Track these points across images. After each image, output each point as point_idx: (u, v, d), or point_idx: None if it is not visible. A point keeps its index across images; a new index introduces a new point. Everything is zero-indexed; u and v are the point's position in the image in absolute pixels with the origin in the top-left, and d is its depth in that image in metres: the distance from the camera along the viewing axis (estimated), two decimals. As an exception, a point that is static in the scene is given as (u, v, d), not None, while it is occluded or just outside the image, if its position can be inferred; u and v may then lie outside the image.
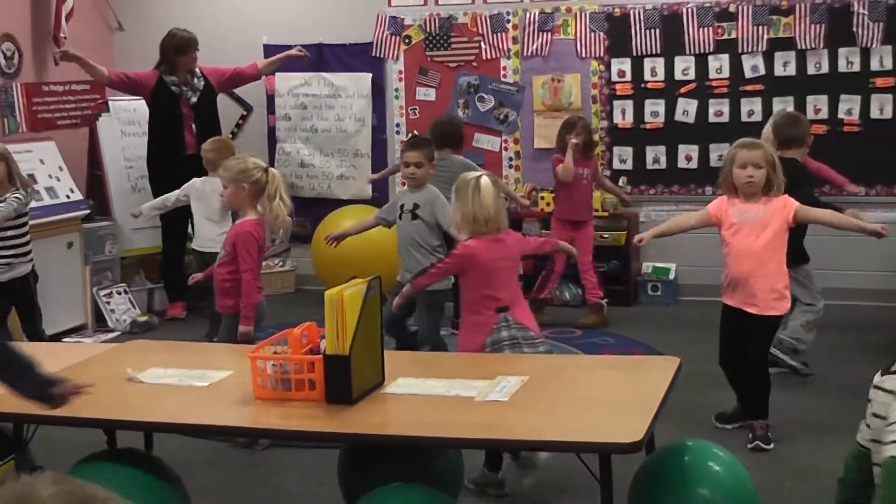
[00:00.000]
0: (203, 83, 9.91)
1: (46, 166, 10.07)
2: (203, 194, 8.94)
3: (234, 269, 6.68)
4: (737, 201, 6.47)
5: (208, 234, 8.80)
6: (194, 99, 9.82)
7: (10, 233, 7.91)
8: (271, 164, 10.96)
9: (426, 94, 10.99)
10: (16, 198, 7.78)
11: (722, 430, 6.66)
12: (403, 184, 7.78)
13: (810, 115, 9.41)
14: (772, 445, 6.36)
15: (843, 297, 9.09)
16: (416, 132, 10.15)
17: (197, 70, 9.87)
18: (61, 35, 10.68)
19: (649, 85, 10.38)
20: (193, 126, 9.84)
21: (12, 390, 4.24)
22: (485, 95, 10.81)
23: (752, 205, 6.41)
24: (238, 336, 6.37)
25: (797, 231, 6.88)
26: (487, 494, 5.91)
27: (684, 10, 10.15)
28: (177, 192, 9.14)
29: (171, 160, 9.82)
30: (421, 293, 6.88)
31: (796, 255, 7.04)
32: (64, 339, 8.96)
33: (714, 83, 10.20)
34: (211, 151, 8.58)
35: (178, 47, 9.76)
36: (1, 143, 7.97)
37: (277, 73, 11.15)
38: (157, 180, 10.01)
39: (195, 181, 9.01)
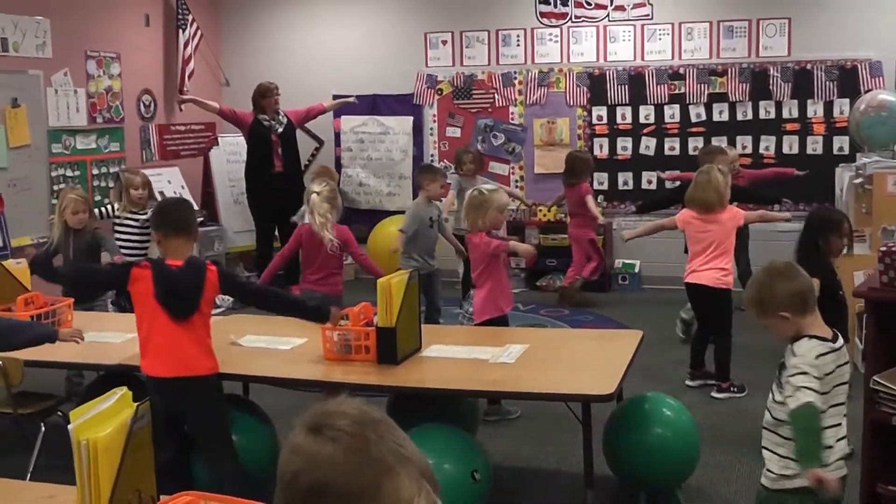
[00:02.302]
0: (286, 120, 9.92)
1: (172, 185, 10.15)
2: None
3: None
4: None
5: None
6: (280, 130, 9.83)
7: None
8: (337, 184, 11.03)
9: (453, 132, 10.97)
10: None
11: (677, 384, 6.62)
12: (430, 200, 7.67)
13: (739, 150, 9.40)
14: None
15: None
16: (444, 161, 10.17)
17: (280, 110, 9.89)
18: (185, 89, 10.76)
19: (620, 126, 10.34)
20: (279, 151, 9.84)
21: None
22: (497, 133, 10.78)
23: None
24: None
25: None
26: (500, 418, 6.07)
27: (646, 71, 10.11)
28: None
29: (263, 177, 9.87)
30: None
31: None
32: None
33: (668, 126, 10.15)
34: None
35: (261, 93, 9.81)
36: (142, 171, 7.97)
37: (342, 117, 11.16)
38: (252, 191, 10.08)
39: None
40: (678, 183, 8.66)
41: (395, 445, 1.55)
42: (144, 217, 7.42)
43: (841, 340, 3.47)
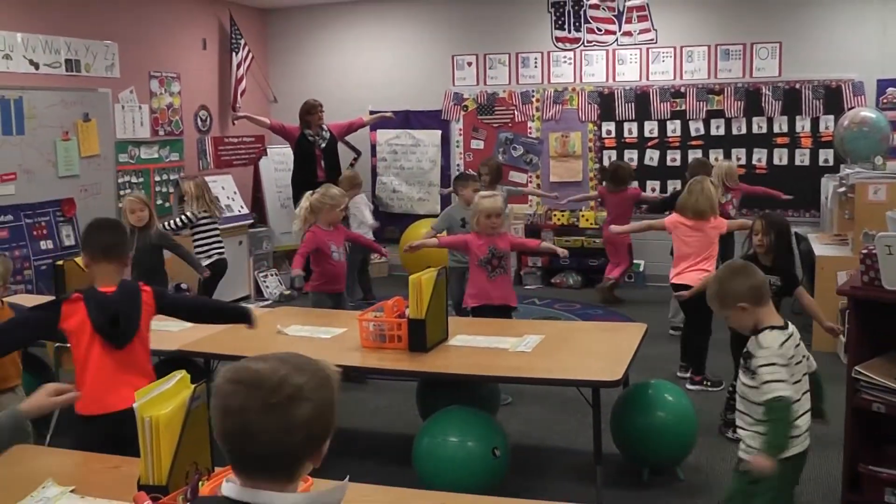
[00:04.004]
0: (329, 134, 9.91)
1: (226, 191, 10.19)
2: (356, 209, 9.02)
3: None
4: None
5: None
6: (323, 144, 9.81)
7: (199, 236, 7.98)
8: (372, 191, 11.07)
9: (477, 144, 10.94)
10: (194, 214, 7.91)
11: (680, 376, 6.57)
12: (467, 203, 7.64)
13: (734, 161, 9.29)
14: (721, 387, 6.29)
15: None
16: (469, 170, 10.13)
17: (324, 125, 9.89)
18: (237, 105, 10.80)
19: (627, 140, 10.29)
20: (323, 163, 9.84)
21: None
22: (517, 146, 10.75)
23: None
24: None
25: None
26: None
27: (651, 90, 10.06)
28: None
29: (307, 185, 9.80)
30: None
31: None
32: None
33: (670, 139, 10.10)
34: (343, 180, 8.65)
35: (307, 110, 9.79)
36: (200, 177, 8.06)
37: (378, 130, 11.18)
38: (297, 199, 9.98)
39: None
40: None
41: None
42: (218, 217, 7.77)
43: (792, 326, 3.54)
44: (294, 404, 1.72)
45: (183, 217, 7.89)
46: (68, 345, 3.69)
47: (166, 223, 7.77)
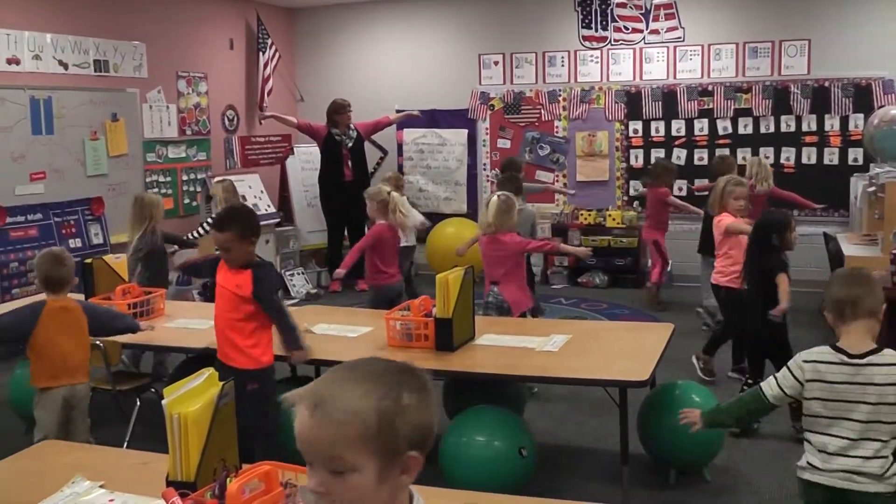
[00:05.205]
0: (356, 133, 9.95)
1: (252, 190, 10.22)
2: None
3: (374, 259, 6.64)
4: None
5: None
6: (350, 144, 9.85)
7: None
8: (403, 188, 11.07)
9: (504, 143, 10.93)
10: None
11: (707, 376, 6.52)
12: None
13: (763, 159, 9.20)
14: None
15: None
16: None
17: (351, 125, 9.91)
18: (264, 104, 10.85)
19: (654, 139, 10.25)
20: (350, 162, 9.86)
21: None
22: (543, 145, 10.73)
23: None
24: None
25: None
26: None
27: (678, 88, 10.01)
28: None
29: (334, 184, 9.93)
30: None
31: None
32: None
33: (697, 138, 10.04)
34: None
35: (335, 110, 9.84)
36: (229, 181, 8.10)
37: (404, 130, 11.18)
38: (324, 198, 10.16)
39: None
40: (707, 192, 8.52)
41: None
42: None
43: (864, 360, 3.09)
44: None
45: (204, 225, 7.81)
46: None
47: (189, 234, 7.78)
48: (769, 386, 3.24)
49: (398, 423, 1.55)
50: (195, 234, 7.78)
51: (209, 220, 7.93)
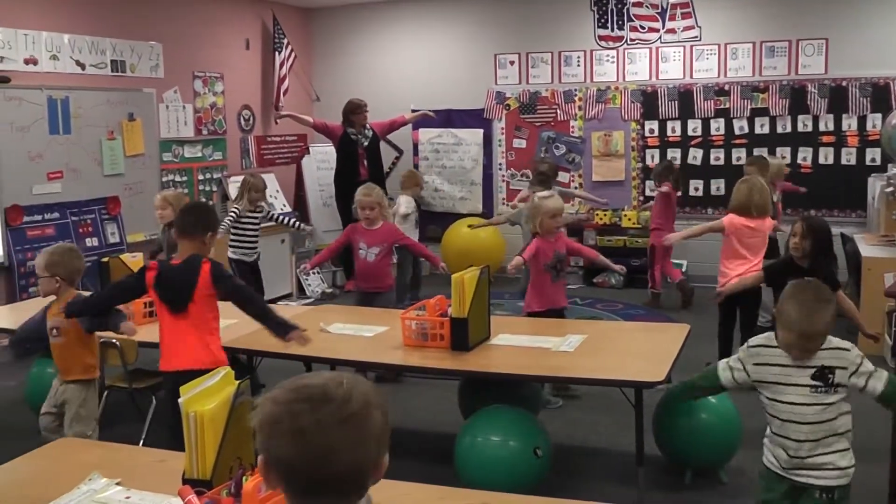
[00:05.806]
0: (371, 133, 9.95)
1: (268, 189, 10.17)
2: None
3: (387, 259, 6.64)
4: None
5: None
6: (366, 143, 9.85)
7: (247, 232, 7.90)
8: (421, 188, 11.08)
9: (519, 143, 10.93)
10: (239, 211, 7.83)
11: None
12: (524, 200, 7.57)
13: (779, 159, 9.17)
14: None
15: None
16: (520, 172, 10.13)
17: (367, 124, 9.92)
18: (280, 104, 10.88)
19: (670, 139, 10.23)
20: (365, 162, 9.88)
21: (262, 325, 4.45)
22: (559, 145, 10.73)
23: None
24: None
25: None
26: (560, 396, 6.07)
27: (694, 88, 9.99)
28: None
29: (349, 183, 9.87)
30: None
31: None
32: (278, 303, 9.03)
33: (714, 138, 10.01)
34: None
35: (351, 110, 9.82)
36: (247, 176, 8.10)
37: (420, 129, 11.19)
38: (339, 197, 10.12)
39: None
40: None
41: None
42: (262, 215, 7.84)
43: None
44: (368, 413, 1.62)
45: (234, 212, 7.74)
46: None
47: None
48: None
49: None
50: (227, 223, 7.76)
51: (236, 208, 7.82)
